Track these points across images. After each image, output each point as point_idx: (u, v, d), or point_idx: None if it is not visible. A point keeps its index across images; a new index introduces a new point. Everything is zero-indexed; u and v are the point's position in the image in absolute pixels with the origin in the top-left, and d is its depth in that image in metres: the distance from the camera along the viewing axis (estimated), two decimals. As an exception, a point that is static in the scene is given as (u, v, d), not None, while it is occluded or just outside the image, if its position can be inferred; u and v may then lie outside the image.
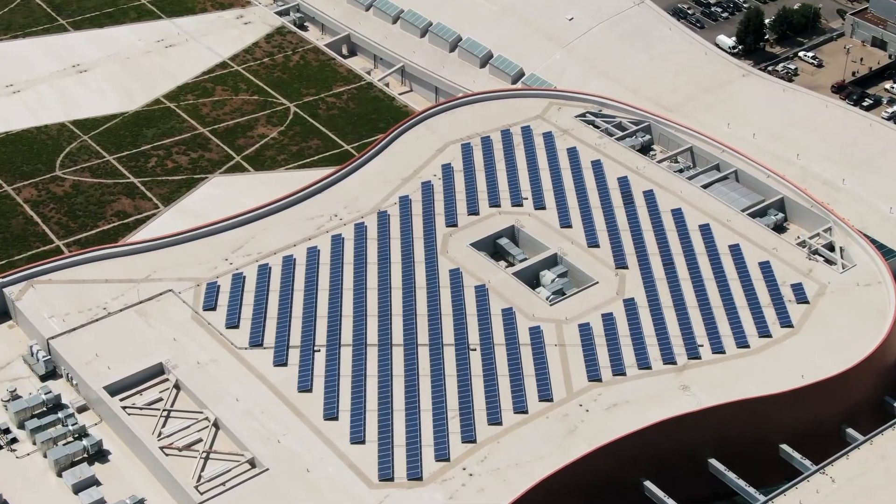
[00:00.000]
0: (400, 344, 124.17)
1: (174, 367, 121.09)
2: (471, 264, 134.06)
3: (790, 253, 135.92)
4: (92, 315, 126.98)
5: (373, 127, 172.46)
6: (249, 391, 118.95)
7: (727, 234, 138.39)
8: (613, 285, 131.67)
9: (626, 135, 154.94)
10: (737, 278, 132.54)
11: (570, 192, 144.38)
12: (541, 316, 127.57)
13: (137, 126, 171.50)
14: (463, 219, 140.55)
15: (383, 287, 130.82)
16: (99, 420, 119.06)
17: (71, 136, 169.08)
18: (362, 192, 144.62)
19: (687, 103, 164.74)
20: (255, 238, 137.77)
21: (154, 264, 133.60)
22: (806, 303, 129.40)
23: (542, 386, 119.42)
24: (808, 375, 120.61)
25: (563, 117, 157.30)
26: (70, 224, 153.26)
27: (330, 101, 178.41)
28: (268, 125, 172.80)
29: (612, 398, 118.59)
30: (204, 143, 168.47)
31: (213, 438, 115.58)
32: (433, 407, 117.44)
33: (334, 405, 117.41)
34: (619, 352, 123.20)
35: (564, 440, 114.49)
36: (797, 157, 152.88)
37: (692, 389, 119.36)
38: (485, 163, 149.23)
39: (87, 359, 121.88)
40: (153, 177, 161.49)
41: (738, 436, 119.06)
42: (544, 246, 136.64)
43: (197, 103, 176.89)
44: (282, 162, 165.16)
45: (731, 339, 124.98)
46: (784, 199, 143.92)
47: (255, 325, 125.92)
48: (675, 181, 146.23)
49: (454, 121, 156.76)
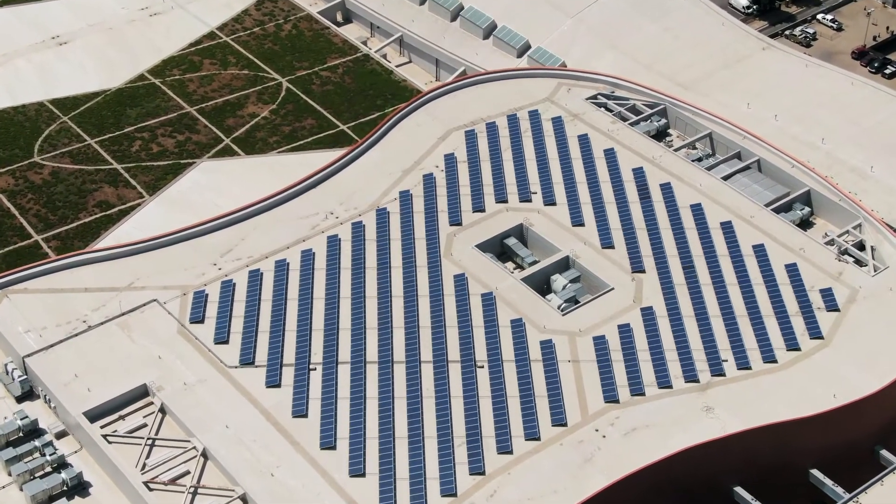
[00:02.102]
0: (402, 361, 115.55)
1: (159, 390, 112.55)
2: (477, 268, 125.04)
3: (818, 254, 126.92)
4: (71, 329, 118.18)
5: (370, 104, 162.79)
6: (240, 417, 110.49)
7: (751, 232, 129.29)
8: (630, 292, 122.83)
9: (641, 119, 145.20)
10: (762, 283, 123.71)
11: (582, 186, 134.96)
12: (552, 327, 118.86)
13: (120, 105, 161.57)
14: (468, 216, 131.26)
15: (383, 296, 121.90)
16: (79, 447, 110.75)
17: (50, 117, 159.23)
18: (360, 187, 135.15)
19: (704, 80, 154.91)
20: (246, 240, 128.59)
21: (137, 270, 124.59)
22: (836, 310, 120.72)
23: (556, 409, 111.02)
24: (841, 394, 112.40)
25: (574, 100, 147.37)
26: (49, 217, 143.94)
27: (324, 75, 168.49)
28: (258, 103, 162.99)
29: (630, 422, 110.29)
30: (191, 123, 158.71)
31: (201, 470, 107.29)
32: (438, 433, 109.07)
33: (331, 432, 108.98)
34: (637, 369, 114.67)
35: (580, 471, 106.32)
36: (822, 141, 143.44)
37: (716, 411, 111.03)
38: (490, 152, 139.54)
39: (66, 379, 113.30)
40: (137, 162, 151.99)
41: (766, 462, 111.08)
42: (555, 248, 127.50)
43: (183, 79, 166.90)
44: (274, 144, 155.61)
45: (758, 353, 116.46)
46: (810, 191, 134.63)
47: (245, 341, 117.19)
48: (693, 172, 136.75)
49: (457, 105, 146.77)
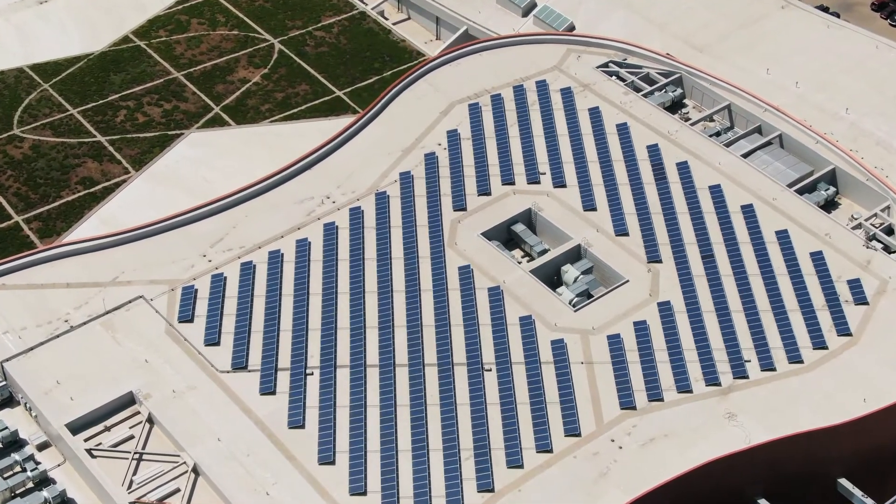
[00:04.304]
0: (405, 364, 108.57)
1: (146, 398, 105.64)
2: (483, 259, 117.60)
3: (845, 240, 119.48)
4: (52, 329, 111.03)
5: (367, 67, 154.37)
6: (233, 428, 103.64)
7: (773, 216, 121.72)
8: (646, 284, 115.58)
9: (656, 88, 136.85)
10: (786, 273, 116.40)
11: (594, 166, 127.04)
12: (564, 325, 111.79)
13: (104, 71, 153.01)
14: (473, 200, 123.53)
15: (384, 290, 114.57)
16: (62, 460, 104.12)
17: (30, 85, 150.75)
18: (357, 167, 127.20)
19: (720, 42, 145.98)
20: (237, 228, 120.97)
21: (122, 263, 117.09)
22: (865, 303, 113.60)
23: (569, 417, 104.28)
24: (871, 399, 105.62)
25: (584, 68, 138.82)
26: (30, 195, 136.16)
27: (318, 35, 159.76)
28: (249, 67, 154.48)
29: (648, 431, 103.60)
30: (178, 90, 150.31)
31: (191, 488, 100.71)
32: (444, 446, 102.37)
33: (330, 446, 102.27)
34: (654, 371, 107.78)
35: (595, 486, 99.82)
36: (846, 110, 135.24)
37: (739, 418, 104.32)
38: (496, 128, 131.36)
39: (47, 387, 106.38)
40: (122, 134, 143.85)
41: (792, 472, 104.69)
42: (566, 235, 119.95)
43: (170, 41, 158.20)
44: (266, 113, 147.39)
45: (782, 353, 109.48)
46: (835, 169, 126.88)
47: (238, 342, 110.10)
48: (712, 150, 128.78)
49: (459, 74, 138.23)
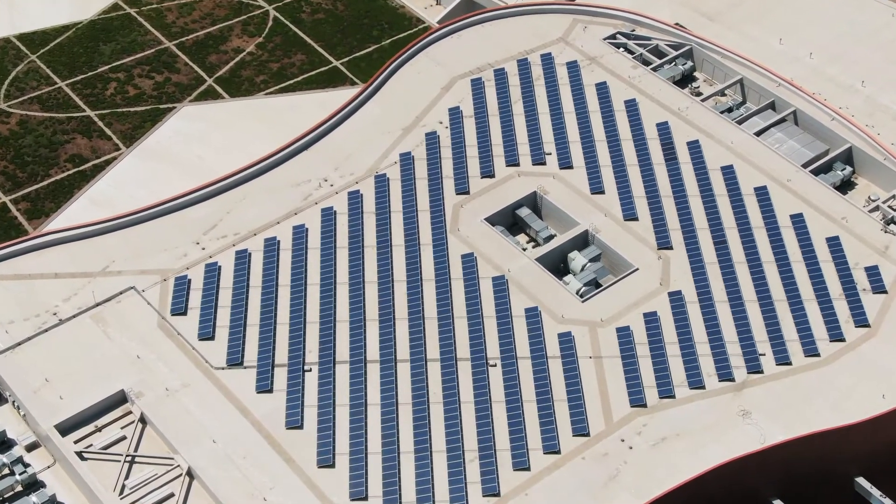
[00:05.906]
0: (406, 360, 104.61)
1: (138, 397, 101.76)
2: (486, 246, 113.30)
3: (862, 223, 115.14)
4: (40, 323, 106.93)
5: (365, 35, 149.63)
6: (229, 429, 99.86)
7: (788, 198, 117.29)
8: (656, 272, 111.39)
9: (665, 62, 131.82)
10: (801, 260, 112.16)
11: (602, 145, 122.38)
12: (571, 316, 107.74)
13: (93, 41, 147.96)
14: (476, 183, 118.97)
15: (384, 280, 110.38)
16: (52, 462, 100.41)
17: (17, 56, 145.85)
18: (356, 148, 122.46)
19: (731, 10, 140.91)
20: (232, 213, 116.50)
21: (112, 252, 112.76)
22: (883, 292, 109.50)
23: (577, 415, 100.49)
24: (890, 394, 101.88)
25: (590, 40, 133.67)
26: (18, 174, 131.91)
27: (315, 1, 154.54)
28: (243, 35, 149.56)
29: (659, 430, 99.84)
30: (170, 61, 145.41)
31: (186, 493, 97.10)
32: (448, 447, 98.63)
33: (330, 447, 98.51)
34: (665, 366, 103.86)
35: (604, 490, 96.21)
36: (862, 84, 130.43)
37: (754, 416, 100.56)
38: (499, 104, 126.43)
39: (36, 385, 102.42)
40: (112, 108, 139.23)
41: (808, 472, 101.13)
42: (573, 220, 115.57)
43: (161, 8, 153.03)
44: (261, 85, 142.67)
45: (798, 345, 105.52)
46: (852, 148, 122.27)
47: (233, 336, 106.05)
48: (724, 127, 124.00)
49: (461, 47, 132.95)
